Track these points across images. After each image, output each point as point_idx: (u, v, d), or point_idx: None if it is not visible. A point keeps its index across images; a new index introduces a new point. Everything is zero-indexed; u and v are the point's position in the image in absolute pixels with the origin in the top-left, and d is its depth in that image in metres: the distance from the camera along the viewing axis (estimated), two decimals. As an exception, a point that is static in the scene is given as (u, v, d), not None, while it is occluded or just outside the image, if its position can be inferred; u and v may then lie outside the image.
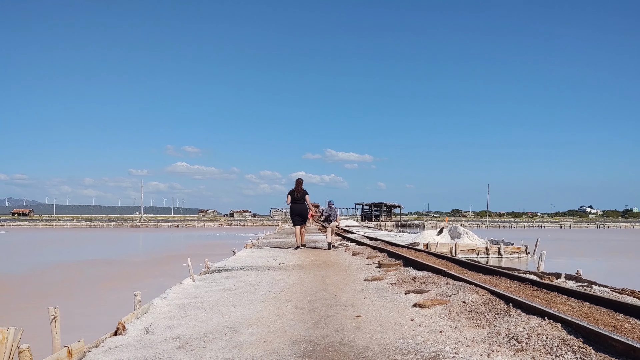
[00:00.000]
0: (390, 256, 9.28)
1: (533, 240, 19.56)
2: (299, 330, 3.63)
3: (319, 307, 4.53)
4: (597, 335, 2.97)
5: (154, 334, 3.55)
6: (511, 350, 2.95)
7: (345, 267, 7.96)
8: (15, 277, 15.18)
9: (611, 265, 19.41)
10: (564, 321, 3.33)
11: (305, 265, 8.41)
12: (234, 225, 72.20)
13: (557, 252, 23.43)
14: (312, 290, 5.59)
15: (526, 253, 19.46)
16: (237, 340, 3.35)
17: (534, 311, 3.70)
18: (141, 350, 3.11)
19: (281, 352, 3.06)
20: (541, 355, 2.83)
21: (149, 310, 4.40)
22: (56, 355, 2.71)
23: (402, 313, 4.22)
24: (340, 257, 9.91)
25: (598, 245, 33.72)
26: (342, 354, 3.01)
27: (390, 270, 7.17)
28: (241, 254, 11.08)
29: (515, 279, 5.97)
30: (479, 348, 3.08)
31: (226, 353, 3.05)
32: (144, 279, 13.87)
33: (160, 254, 19.20)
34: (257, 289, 5.66)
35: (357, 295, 5.18)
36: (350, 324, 3.82)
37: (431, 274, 6.24)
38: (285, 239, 17.17)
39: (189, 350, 3.13)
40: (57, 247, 29.54)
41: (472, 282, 5.18)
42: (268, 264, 8.50)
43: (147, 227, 67.44)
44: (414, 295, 4.98)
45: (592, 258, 22.21)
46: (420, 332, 3.56)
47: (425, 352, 3.04)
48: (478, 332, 3.43)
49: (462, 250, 18.03)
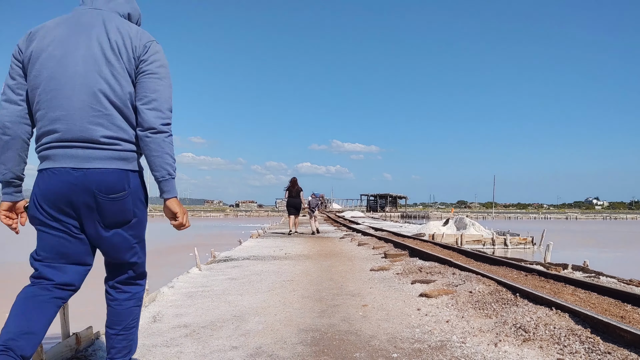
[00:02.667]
0: (396, 246, 9.28)
1: (539, 232, 19.50)
2: (306, 319, 3.63)
3: (325, 297, 4.54)
4: (605, 326, 2.96)
5: (161, 322, 3.57)
6: (518, 340, 2.95)
7: (351, 257, 7.97)
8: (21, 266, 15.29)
9: (618, 257, 19.34)
10: (571, 311, 3.32)
11: (311, 255, 8.43)
12: (239, 216, 72.43)
13: (563, 243, 23.37)
14: (318, 279, 5.60)
15: (532, 244, 19.41)
16: (244, 329, 3.36)
17: (541, 301, 3.69)
18: (149, 338, 3.13)
19: (288, 340, 3.07)
20: (549, 344, 2.82)
21: (156, 298, 4.42)
22: (65, 342, 2.73)
23: (408, 303, 4.22)
24: (346, 248, 9.92)
25: (605, 237, 33.59)
26: (349, 342, 3.02)
27: (396, 260, 7.17)
28: (247, 243, 11.12)
29: (521, 269, 5.96)
30: (486, 337, 3.07)
31: (233, 341, 3.06)
32: (151, 269, 13.86)
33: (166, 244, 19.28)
34: (263, 278, 5.68)
35: (363, 285, 5.19)
36: (356, 313, 3.83)
37: (437, 264, 6.23)
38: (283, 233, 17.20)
39: (197, 338, 3.14)
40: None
41: (478, 272, 5.18)
42: (274, 254, 8.52)
43: (153, 218, 67.77)
44: (420, 285, 4.98)
45: (598, 249, 22.14)
46: (427, 321, 3.56)
47: (432, 341, 3.04)
48: (485, 322, 3.43)
49: (468, 241, 18.00)
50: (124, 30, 1.94)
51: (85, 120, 1.86)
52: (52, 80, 1.87)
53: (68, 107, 1.86)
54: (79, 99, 1.86)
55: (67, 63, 1.88)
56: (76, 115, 1.86)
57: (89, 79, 1.87)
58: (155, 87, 1.95)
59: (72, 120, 1.86)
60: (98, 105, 1.87)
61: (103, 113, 1.88)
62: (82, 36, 1.91)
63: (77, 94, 1.87)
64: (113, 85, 1.89)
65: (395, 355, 2.75)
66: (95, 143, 1.87)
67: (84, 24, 1.94)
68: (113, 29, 1.93)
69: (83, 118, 1.86)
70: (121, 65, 1.91)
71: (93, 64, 1.89)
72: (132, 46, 1.93)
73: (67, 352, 2.70)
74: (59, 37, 1.92)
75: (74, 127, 1.86)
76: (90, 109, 1.87)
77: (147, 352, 2.84)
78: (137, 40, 1.95)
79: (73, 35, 1.92)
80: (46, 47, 1.90)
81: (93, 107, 1.87)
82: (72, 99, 1.86)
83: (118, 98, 1.90)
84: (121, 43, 1.92)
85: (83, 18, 1.95)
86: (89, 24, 1.94)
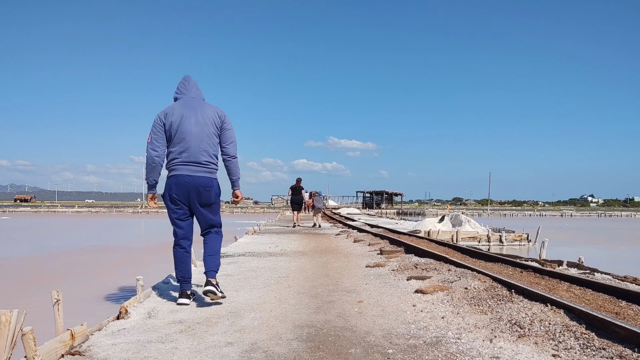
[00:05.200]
0: (392, 243, 9.29)
1: (534, 228, 19.57)
2: (301, 315, 3.63)
3: (320, 293, 4.54)
4: (600, 322, 2.96)
5: (156, 318, 3.56)
6: (514, 336, 2.95)
7: (347, 254, 7.97)
8: (17, 261, 15.24)
9: (613, 253, 19.43)
10: (566, 307, 3.32)
11: (306, 251, 8.42)
12: (235, 212, 72.29)
13: (558, 240, 23.46)
14: (314, 276, 5.60)
15: (528, 241, 19.50)
16: (240, 325, 3.35)
17: (537, 297, 3.69)
18: (144, 334, 3.12)
19: (284, 336, 3.06)
20: (544, 340, 2.83)
21: (151, 294, 4.41)
22: (59, 338, 2.72)
23: (404, 299, 4.22)
24: (342, 244, 9.92)
25: (599, 234, 33.74)
26: (345, 338, 3.02)
27: (391, 256, 7.17)
28: (243, 240, 11.10)
29: (517, 266, 5.97)
30: (482, 333, 3.08)
31: (229, 337, 3.05)
32: (146, 265, 13.92)
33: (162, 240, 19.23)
34: (259, 275, 5.67)
35: (358, 281, 5.19)
36: (352, 310, 3.82)
37: (433, 261, 6.24)
38: (287, 226, 17.20)
39: (192, 334, 3.13)
40: (59, 233, 29.65)
41: (474, 268, 5.18)
42: (270, 250, 8.51)
43: (149, 214, 67.59)
44: (416, 281, 4.98)
45: (593, 246, 22.23)
46: (422, 317, 3.56)
47: (427, 337, 3.04)
48: (480, 318, 3.43)
49: (464, 237, 18.06)
50: (211, 108, 3.97)
51: (197, 153, 3.82)
52: (179, 133, 3.82)
53: (188, 147, 3.81)
54: (193, 143, 3.82)
55: (186, 124, 3.83)
56: (191, 150, 3.81)
57: (198, 134, 3.84)
58: (231, 136, 4.01)
59: (190, 152, 3.81)
60: (203, 146, 3.85)
61: (204, 150, 3.85)
62: (192, 112, 3.88)
63: (192, 141, 3.82)
64: (210, 137, 3.89)
65: (391, 351, 2.75)
66: (200, 164, 3.84)
67: (190, 105, 3.93)
68: (205, 107, 3.96)
69: (196, 152, 3.82)
70: (213, 127, 3.91)
71: (200, 125, 3.86)
72: (217, 116, 3.95)
73: (61, 347, 2.69)
74: (180, 112, 3.87)
75: (191, 156, 3.81)
76: (199, 148, 3.83)
77: (142, 348, 2.82)
78: (219, 113, 3.98)
79: (187, 111, 3.88)
80: (175, 117, 3.84)
81: (200, 147, 3.84)
82: (190, 143, 3.82)
83: (211, 144, 3.91)
84: (211, 115, 3.92)
85: (189, 102, 3.95)
86: (193, 106, 3.93)
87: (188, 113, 3.84)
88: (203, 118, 3.85)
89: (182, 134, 3.79)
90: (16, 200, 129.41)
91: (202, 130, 3.83)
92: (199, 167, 3.80)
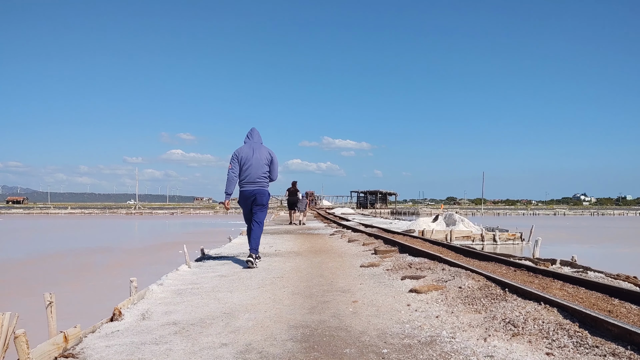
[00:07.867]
0: (386, 243, 9.30)
1: (528, 227, 19.66)
2: (296, 316, 3.63)
3: (315, 293, 4.54)
4: (593, 320, 2.98)
5: (150, 320, 3.55)
6: (507, 335, 2.96)
7: (341, 254, 7.97)
8: (10, 264, 15.13)
9: (606, 252, 19.55)
10: (560, 306, 3.34)
11: (301, 251, 8.42)
12: (229, 213, 72.09)
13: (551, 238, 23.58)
14: (308, 276, 5.60)
15: (521, 240, 19.57)
16: (234, 326, 3.34)
17: (530, 296, 3.71)
18: (138, 336, 3.11)
19: (278, 337, 3.06)
20: (537, 339, 2.84)
21: (145, 296, 4.39)
22: (52, 341, 2.70)
23: (398, 299, 4.23)
24: (336, 244, 9.92)
25: (592, 232, 33.96)
26: (339, 338, 3.02)
27: (386, 256, 7.18)
28: (237, 240, 11.08)
29: (510, 265, 5.99)
30: (476, 332, 3.09)
31: (223, 338, 3.04)
32: (140, 266, 13.87)
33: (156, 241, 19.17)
34: (253, 275, 5.66)
35: (353, 281, 5.19)
36: (346, 310, 3.83)
37: (427, 260, 6.25)
38: (281, 226, 17.18)
39: (186, 335, 3.12)
40: (52, 235, 29.47)
41: (468, 268, 5.20)
42: (264, 251, 8.50)
43: (143, 215, 67.33)
44: (410, 281, 4.99)
45: (586, 244, 22.36)
46: (416, 317, 3.57)
47: (422, 336, 3.05)
48: (474, 317, 3.44)
49: (458, 237, 18.11)
50: (265, 150, 6.62)
51: (257, 177, 6.51)
52: (246, 164, 6.49)
53: (253, 173, 6.49)
54: (253, 171, 6.49)
55: (251, 159, 6.50)
56: (254, 175, 6.49)
57: (258, 166, 6.51)
58: (275, 167, 6.70)
59: (250, 177, 6.49)
60: (260, 173, 6.53)
61: (262, 174, 6.54)
62: (256, 152, 6.55)
63: (254, 170, 6.49)
64: (264, 168, 6.54)
65: (385, 351, 2.75)
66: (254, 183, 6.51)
67: (254, 148, 6.60)
68: (264, 150, 6.62)
69: (254, 176, 6.50)
70: (265, 161, 6.55)
71: (257, 160, 6.51)
72: (268, 154, 6.61)
73: (54, 350, 2.67)
74: (247, 151, 6.56)
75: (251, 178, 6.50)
76: (256, 174, 6.50)
77: (136, 349, 2.81)
78: (270, 152, 6.64)
79: (252, 151, 6.55)
80: (244, 154, 6.54)
81: (257, 174, 6.50)
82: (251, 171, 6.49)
83: (264, 173, 6.57)
84: (266, 155, 6.59)
85: (254, 145, 6.63)
86: (256, 148, 6.60)
87: (251, 153, 6.51)
88: (259, 155, 6.50)
89: (246, 165, 6.47)
90: (8, 202, 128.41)
91: (258, 163, 6.47)
92: (254, 184, 6.48)
